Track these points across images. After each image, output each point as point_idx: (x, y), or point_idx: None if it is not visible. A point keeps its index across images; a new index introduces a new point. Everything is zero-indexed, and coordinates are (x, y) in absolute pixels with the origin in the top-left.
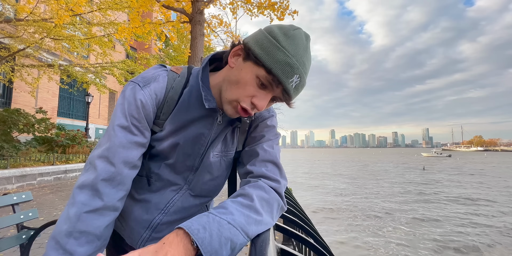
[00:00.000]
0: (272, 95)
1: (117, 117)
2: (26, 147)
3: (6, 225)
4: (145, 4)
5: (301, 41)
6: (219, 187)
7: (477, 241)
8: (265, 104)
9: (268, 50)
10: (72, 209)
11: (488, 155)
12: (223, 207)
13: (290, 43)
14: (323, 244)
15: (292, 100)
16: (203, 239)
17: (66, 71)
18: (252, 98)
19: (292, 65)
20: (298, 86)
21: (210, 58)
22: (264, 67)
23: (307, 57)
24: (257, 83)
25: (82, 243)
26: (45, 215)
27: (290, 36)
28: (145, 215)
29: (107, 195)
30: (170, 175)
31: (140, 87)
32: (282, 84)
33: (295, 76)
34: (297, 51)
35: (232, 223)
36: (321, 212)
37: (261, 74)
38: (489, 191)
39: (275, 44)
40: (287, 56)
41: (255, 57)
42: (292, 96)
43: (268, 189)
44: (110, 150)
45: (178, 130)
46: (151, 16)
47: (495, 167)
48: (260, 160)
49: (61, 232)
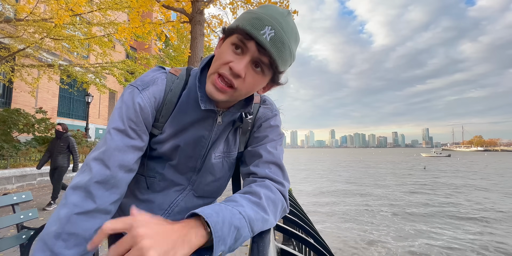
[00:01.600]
0: (249, 57)
1: (114, 121)
2: (26, 147)
3: (6, 225)
4: (145, 4)
5: (274, 7)
6: (222, 188)
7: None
8: (242, 66)
9: (239, 17)
10: (63, 210)
11: (488, 155)
12: (233, 200)
13: (261, 8)
14: (323, 244)
15: (276, 60)
16: (216, 223)
17: (66, 71)
18: (229, 64)
19: (260, 18)
20: (274, 39)
21: (209, 59)
22: (234, 30)
23: (284, 19)
24: (233, 49)
25: (70, 245)
26: (45, 215)
27: (263, 6)
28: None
29: (99, 198)
30: (174, 176)
31: (139, 90)
32: (253, 36)
33: (266, 27)
34: (267, 11)
35: (243, 214)
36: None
37: (233, 37)
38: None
39: (246, 12)
40: (255, 13)
41: (228, 29)
42: (270, 50)
43: (274, 189)
44: (106, 153)
45: (178, 132)
46: (151, 16)
47: (495, 167)
48: (264, 161)
49: (50, 233)
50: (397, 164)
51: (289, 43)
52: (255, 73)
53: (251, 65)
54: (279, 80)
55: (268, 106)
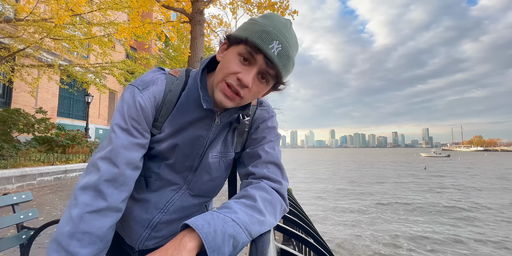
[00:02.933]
0: (257, 69)
1: (116, 120)
2: (26, 147)
3: (6, 225)
4: (145, 4)
5: (279, 18)
6: (218, 188)
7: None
8: (250, 79)
9: (245, 27)
10: (74, 210)
11: (488, 155)
12: (226, 207)
13: (266, 19)
14: (323, 244)
15: (282, 72)
16: (207, 234)
17: (66, 71)
18: (237, 75)
19: (268, 32)
20: (281, 53)
21: (209, 60)
22: (242, 41)
23: (288, 32)
24: (240, 60)
25: (84, 244)
26: (45, 215)
27: (266, 16)
28: (144, 214)
29: (110, 196)
30: (170, 175)
31: (139, 90)
32: (262, 50)
33: (274, 42)
34: (273, 23)
35: (236, 221)
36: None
37: (241, 48)
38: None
39: (251, 22)
40: (263, 26)
41: (234, 38)
42: (278, 65)
43: (270, 190)
44: (112, 152)
45: (177, 132)
46: (151, 16)
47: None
48: (262, 161)
49: (63, 233)
50: (397, 164)
51: (292, 56)
52: (260, 83)
53: (257, 76)
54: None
55: (265, 107)
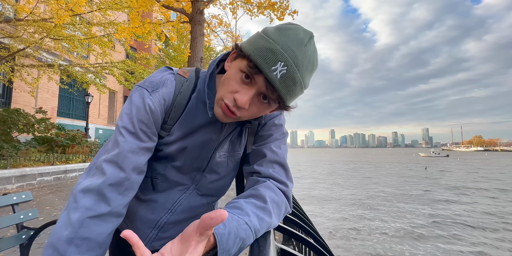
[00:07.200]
0: (255, 90)
1: (124, 123)
2: (26, 147)
3: (6, 225)
4: (145, 4)
5: (294, 32)
6: (226, 187)
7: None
8: (246, 100)
9: (253, 40)
10: (74, 214)
11: (488, 155)
12: (237, 207)
13: (278, 33)
14: (323, 244)
15: (284, 98)
16: (222, 235)
17: (66, 71)
18: (234, 94)
19: (274, 51)
20: (285, 77)
21: (217, 63)
22: (245, 57)
23: (301, 51)
24: (241, 77)
25: (83, 250)
26: (45, 215)
27: (281, 28)
28: (151, 215)
29: (113, 201)
30: (177, 176)
31: (148, 92)
32: (262, 72)
33: (278, 63)
34: (284, 39)
35: (249, 225)
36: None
37: (244, 64)
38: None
39: (261, 35)
40: (269, 42)
41: (240, 51)
42: (279, 89)
43: (277, 191)
44: (119, 156)
45: (187, 135)
46: (151, 16)
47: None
48: (268, 161)
49: (61, 238)
50: (396, 164)
51: (301, 79)
52: (260, 104)
53: (257, 96)
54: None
55: None
